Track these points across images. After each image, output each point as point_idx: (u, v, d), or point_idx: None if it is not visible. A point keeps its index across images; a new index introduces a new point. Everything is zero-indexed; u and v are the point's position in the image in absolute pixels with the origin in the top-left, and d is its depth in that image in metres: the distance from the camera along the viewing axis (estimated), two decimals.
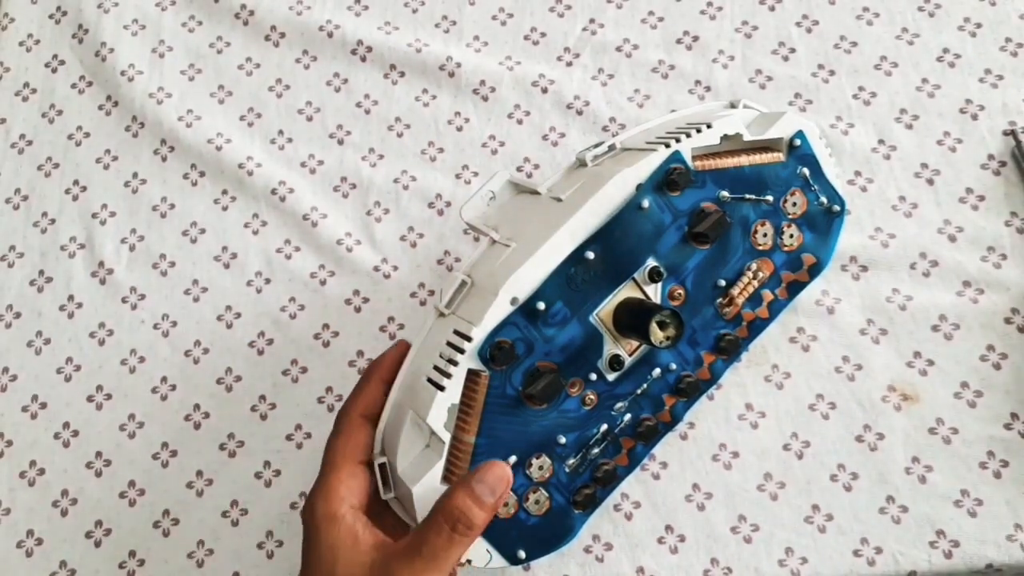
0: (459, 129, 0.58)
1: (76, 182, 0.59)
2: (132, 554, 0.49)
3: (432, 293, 0.53)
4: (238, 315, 0.54)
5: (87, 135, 0.60)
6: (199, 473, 0.50)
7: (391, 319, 0.53)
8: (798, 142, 0.44)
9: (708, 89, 0.57)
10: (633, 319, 0.39)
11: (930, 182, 0.54)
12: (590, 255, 0.38)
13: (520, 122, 0.58)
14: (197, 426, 0.51)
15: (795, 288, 0.46)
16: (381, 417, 0.39)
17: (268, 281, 0.55)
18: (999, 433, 0.47)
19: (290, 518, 0.49)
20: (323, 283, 0.54)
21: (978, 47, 0.57)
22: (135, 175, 0.58)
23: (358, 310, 0.54)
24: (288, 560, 0.48)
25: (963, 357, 0.49)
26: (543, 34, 0.61)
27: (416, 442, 0.38)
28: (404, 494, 0.38)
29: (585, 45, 0.60)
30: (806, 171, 0.44)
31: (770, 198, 0.43)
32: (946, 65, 0.57)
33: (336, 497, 0.37)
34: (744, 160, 0.42)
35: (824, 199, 0.45)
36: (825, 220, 0.46)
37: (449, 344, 0.37)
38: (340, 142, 0.58)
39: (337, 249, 0.55)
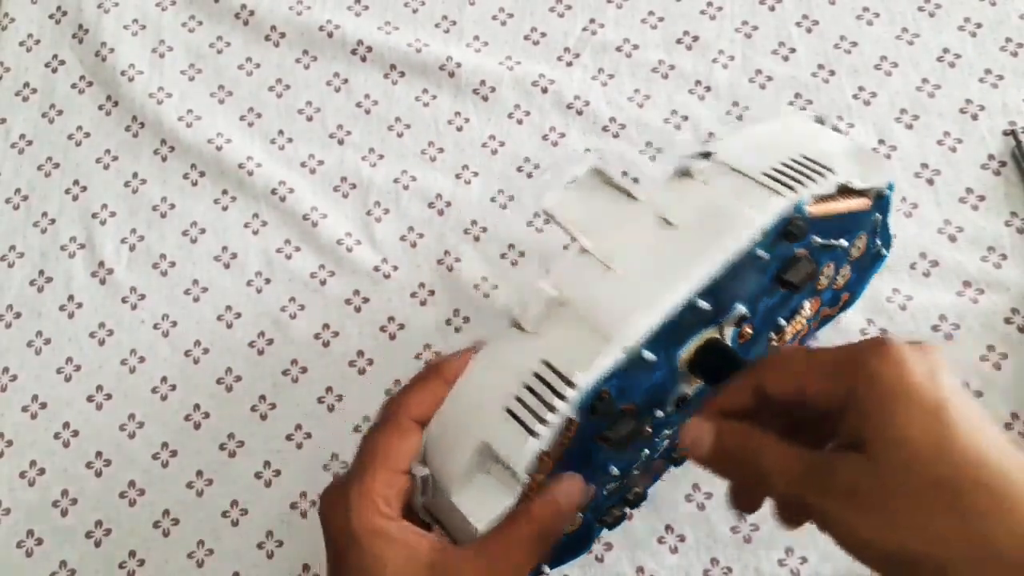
0: (459, 129, 0.58)
1: (76, 182, 0.59)
2: (132, 554, 0.49)
3: (432, 293, 0.53)
4: (238, 315, 0.54)
5: (87, 135, 0.60)
6: (199, 473, 0.50)
7: (391, 319, 0.53)
8: (887, 192, 0.42)
9: (708, 89, 0.57)
10: (718, 370, 0.36)
11: (930, 182, 0.54)
12: (704, 306, 0.35)
13: (520, 122, 0.58)
14: (197, 426, 0.51)
15: (825, 321, 0.45)
16: (430, 424, 0.36)
17: (268, 281, 0.55)
18: None
19: (290, 518, 0.49)
20: (323, 283, 0.54)
21: (978, 47, 0.57)
22: (135, 175, 0.58)
23: (358, 310, 0.54)
24: (288, 560, 0.48)
25: (963, 357, 0.49)
26: (543, 34, 0.61)
27: (473, 466, 0.34)
28: (442, 511, 0.35)
29: (585, 45, 0.60)
30: (879, 217, 0.43)
31: (845, 243, 0.41)
32: (946, 65, 0.57)
33: (380, 509, 0.33)
34: (843, 206, 0.39)
35: (879, 242, 0.44)
36: (870, 261, 0.45)
37: (542, 379, 0.33)
38: (340, 142, 0.58)
39: (337, 249, 0.55)
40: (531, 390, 0.33)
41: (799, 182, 0.37)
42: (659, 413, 0.37)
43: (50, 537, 0.49)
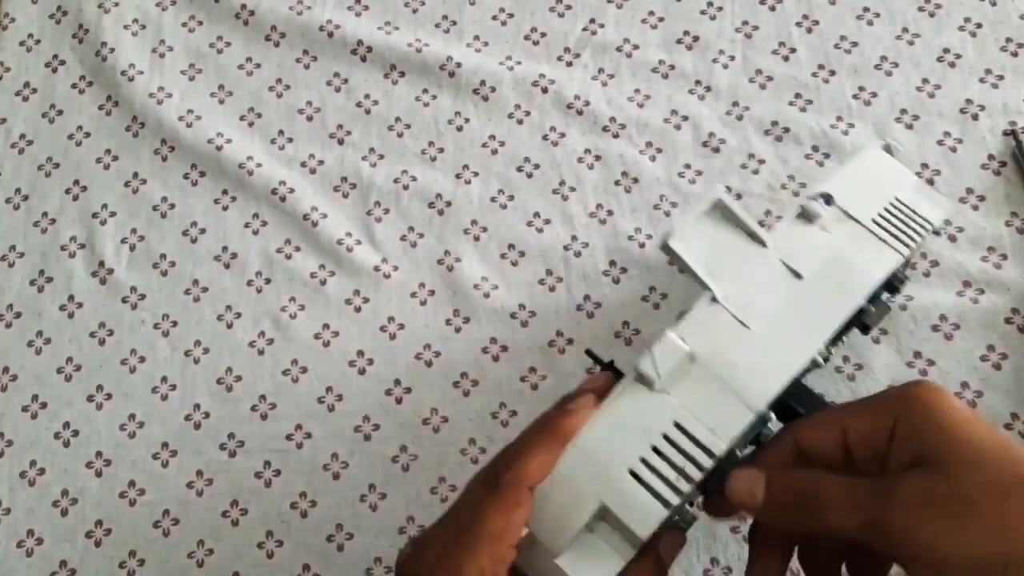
0: (459, 129, 0.58)
1: (76, 182, 0.59)
2: (132, 554, 0.49)
3: (432, 293, 0.53)
4: (238, 315, 0.54)
5: (87, 135, 0.60)
6: (199, 473, 0.50)
7: (391, 319, 0.53)
8: (937, 233, 0.43)
9: (708, 89, 0.57)
10: (796, 412, 0.36)
11: (930, 182, 0.53)
12: (820, 360, 0.35)
13: (520, 122, 0.58)
14: (197, 426, 0.51)
15: None
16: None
17: (268, 281, 0.55)
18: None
19: (290, 518, 0.49)
20: (323, 283, 0.54)
21: (978, 47, 0.57)
22: (135, 175, 0.58)
23: (358, 310, 0.54)
24: (288, 560, 0.48)
25: (963, 357, 0.49)
26: (543, 34, 0.61)
27: (584, 530, 0.33)
28: (538, 569, 0.33)
29: (585, 45, 0.60)
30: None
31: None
32: (946, 65, 0.57)
33: None
34: (913, 246, 0.40)
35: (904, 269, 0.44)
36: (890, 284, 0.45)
37: (673, 444, 0.32)
38: (340, 142, 0.58)
39: (337, 249, 0.55)
40: (659, 453, 0.32)
41: (908, 235, 0.38)
42: None
43: (50, 537, 0.49)
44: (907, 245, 0.38)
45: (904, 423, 0.30)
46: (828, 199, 0.38)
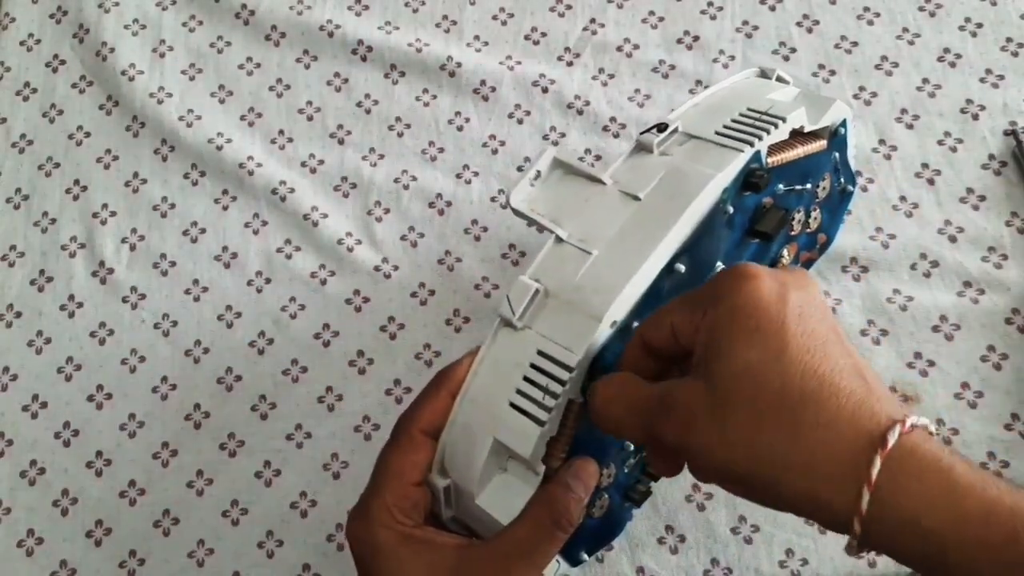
0: (459, 129, 0.58)
1: (77, 182, 0.59)
2: (132, 553, 0.49)
3: (433, 293, 0.53)
4: (238, 315, 0.54)
5: (88, 135, 0.60)
6: (199, 473, 0.50)
7: (391, 319, 0.53)
8: (842, 130, 0.43)
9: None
10: None
11: (931, 182, 0.53)
12: (681, 268, 0.36)
13: (520, 122, 0.58)
14: (197, 426, 0.51)
15: (807, 266, 0.46)
16: (442, 434, 0.36)
17: (268, 281, 0.55)
18: (999, 434, 0.47)
19: (290, 518, 0.49)
20: (324, 283, 0.54)
21: (979, 47, 0.57)
22: (135, 175, 0.58)
23: (359, 310, 0.54)
24: (288, 560, 0.48)
25: (964, 358, 0.49)
26: (543, 34, 0.61)
27: (491, 467, 0.35)
28: (470, 515, 0.36)
29: (585, 45, 0.60)
30: (837, 156, 0.44)
31: (809, 186, 0.43)
32: (947, 65, 0.57)
33: (398, 518, 0.34)
34: (800, 152, 0.41)
35: (843, 180, 0.46)
36: (839, 199, 0.46)
37: (539, 369, 0.34)
38: (340, 142, 0.58)
39: (338, 249, 0.55)
40: (531, 381, 0.34)
41: (754, 135, 0.38)
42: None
43: (50, 536, 0.49)
44: (749, 142, 0.38)
45: (706, 320, 0.29)
46: (662, 127, 0.39)
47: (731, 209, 0.37)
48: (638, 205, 0.37)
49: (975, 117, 0.55)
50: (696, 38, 0.59)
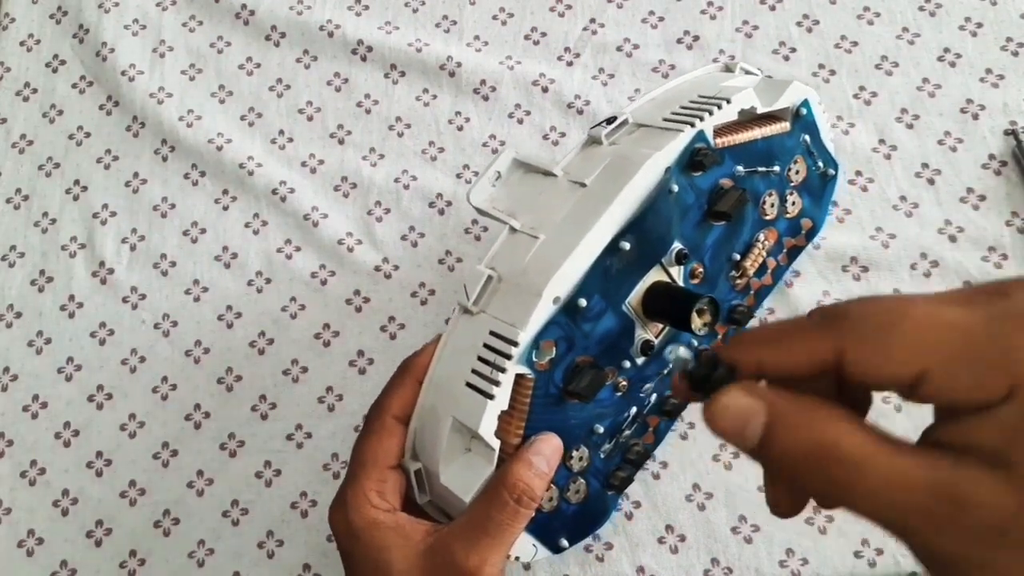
0: (459, 129, 0.58)
1: (77, 182, 0.59)
2: (133, 554, 0.49)
3: (433, 293, 0.53)
4: (239, 315, 0.54)
5: (88, 135, 0.60)
6: (199, 473, 0.50)
7: (392, 319, 0.53)
8: (804, 111, 0.44)
9: None
10: (670, 307, 0.38)
11: (931, 182, 0.53)
12: (625, 245, 0.37)
13: (520, 122, 0.58)
14: (198, 426, 0.51)
15: (794, 253, 0.47)
16: (411, 420, 0.38)
17: (269, 281, 0.55)
18: None
19: (290, 518, 0.49)
20: (324, 283, 0.54)
21: (979, 47, 0.57)
22: (136, 175, 0.58)
23: (359, 310, 0.54)
24: (288, 560, 0.48)
25: None
26: (543, 34, 0.61)
27: (456, 447, 0.37)
28: (442, 498, 0.38)
29: (585, 45, 0.60)
30: (807, 138, 0.45)
31: (777, 168, 0.43)
32: (947, 65, 0.57)
33: (372, 503, 0.36)
34: (757, 133, 0.42)
35: (821, 163, 0.46)
36: (820, 184, 0.46)
37: (490, 348, 0.36)
38: (341, 142, 0.58)
39: (338, 249, 0.55)
40: (484, 360, 0.36)
41: (696, 116, 0.39)
42: (627, 364, 0.40)
43: (51, 537, 0.49)
44: (691, 123, 0.39)
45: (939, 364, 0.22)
46: (610, 120, 0.40)
47: (675, 187, 0.38)
48: (583, 191, 0.38)
49: (975, 117, 0.55)
50: (696, 38, 0.59)
